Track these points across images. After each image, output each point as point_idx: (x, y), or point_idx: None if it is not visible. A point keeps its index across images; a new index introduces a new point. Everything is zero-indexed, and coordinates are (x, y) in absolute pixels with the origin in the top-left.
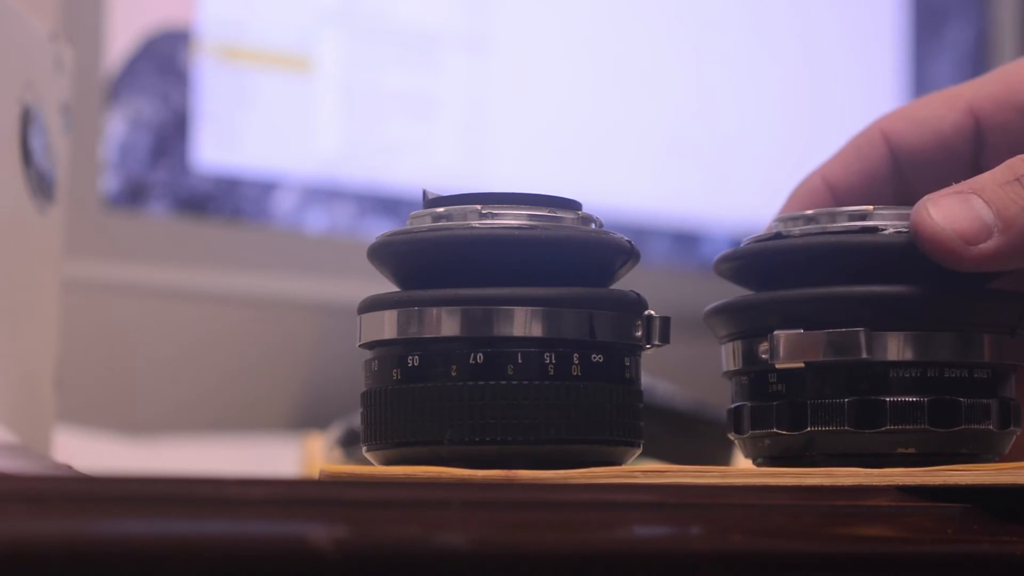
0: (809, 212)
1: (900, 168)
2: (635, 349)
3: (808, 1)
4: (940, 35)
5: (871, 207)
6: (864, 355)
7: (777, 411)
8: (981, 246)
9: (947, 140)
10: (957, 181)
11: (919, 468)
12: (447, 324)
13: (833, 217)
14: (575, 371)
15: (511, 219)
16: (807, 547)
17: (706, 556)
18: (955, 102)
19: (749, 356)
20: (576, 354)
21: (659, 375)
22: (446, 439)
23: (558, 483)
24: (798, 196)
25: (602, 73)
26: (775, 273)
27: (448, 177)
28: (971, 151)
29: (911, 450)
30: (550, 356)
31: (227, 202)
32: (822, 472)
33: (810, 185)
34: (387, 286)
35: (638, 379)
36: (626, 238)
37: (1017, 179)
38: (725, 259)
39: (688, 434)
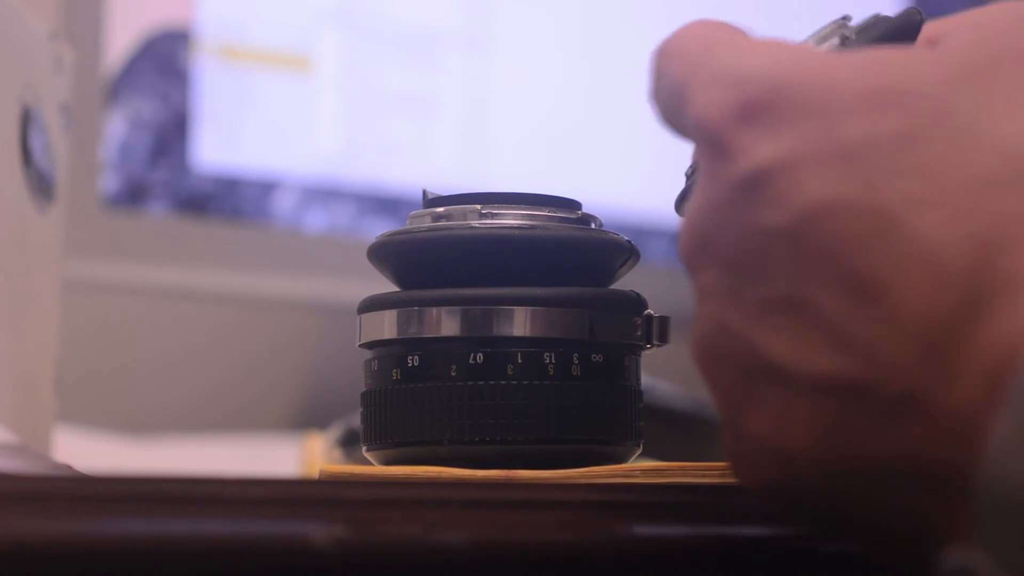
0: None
1: None
2: (635, 349)
3: (806, 1)
4: None
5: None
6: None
7: None
8: None
9: None
10: None
11: None
12: (447, 324)
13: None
14: (575, 371)
15: (511, 219)
16: (806, 545)
17: (706, 555)
18: None
19: None
20: (576, 354)
21: (659, 375)
22: (446, 439)
23: (558, 483)
24: None
25: (602, 72)
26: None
27: (448, 177)
28: None
29: None
30: (550, 356)
31: (227, 202)
32: None
33: None
34: (387, 286)
35: (638, 379)
36: (626, 238)
37: None
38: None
39: (688, 434)
